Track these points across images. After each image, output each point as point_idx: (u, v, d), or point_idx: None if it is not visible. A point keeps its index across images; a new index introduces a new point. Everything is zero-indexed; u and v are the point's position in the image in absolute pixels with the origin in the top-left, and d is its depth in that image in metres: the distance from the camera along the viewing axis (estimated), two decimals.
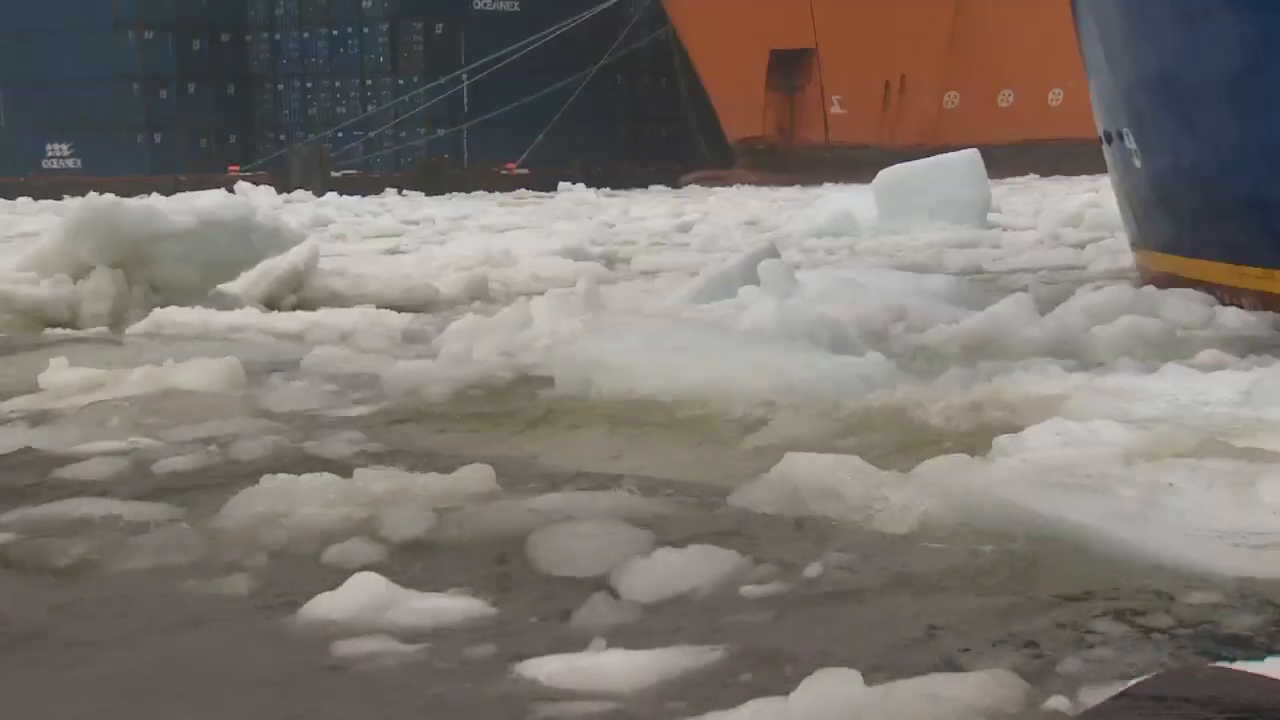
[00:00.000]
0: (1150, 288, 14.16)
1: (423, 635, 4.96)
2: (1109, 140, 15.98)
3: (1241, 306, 12.97)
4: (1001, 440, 6.52)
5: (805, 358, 8.53)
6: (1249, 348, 10.87)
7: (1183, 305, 13.00)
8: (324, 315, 14.24)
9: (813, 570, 5.37)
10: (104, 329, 13.88)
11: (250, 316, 13.98)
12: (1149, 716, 3.39)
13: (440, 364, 10.27)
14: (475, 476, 6.69)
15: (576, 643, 4.78)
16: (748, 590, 5.23)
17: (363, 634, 4.98)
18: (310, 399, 9.45)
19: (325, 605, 5.21)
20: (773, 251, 13.81)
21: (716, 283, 13.20)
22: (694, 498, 6.54)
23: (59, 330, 13.84)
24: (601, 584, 5.35)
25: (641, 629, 4.95)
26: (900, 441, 7.33)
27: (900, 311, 12.91)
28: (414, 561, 5.80)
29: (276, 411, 9.02)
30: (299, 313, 14.72)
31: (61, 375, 9.93)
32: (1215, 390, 7.20)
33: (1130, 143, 14.92)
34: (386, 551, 5.88)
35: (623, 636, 4.82)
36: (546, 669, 4.59)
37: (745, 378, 8.03)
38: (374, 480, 6.56)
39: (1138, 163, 14.94)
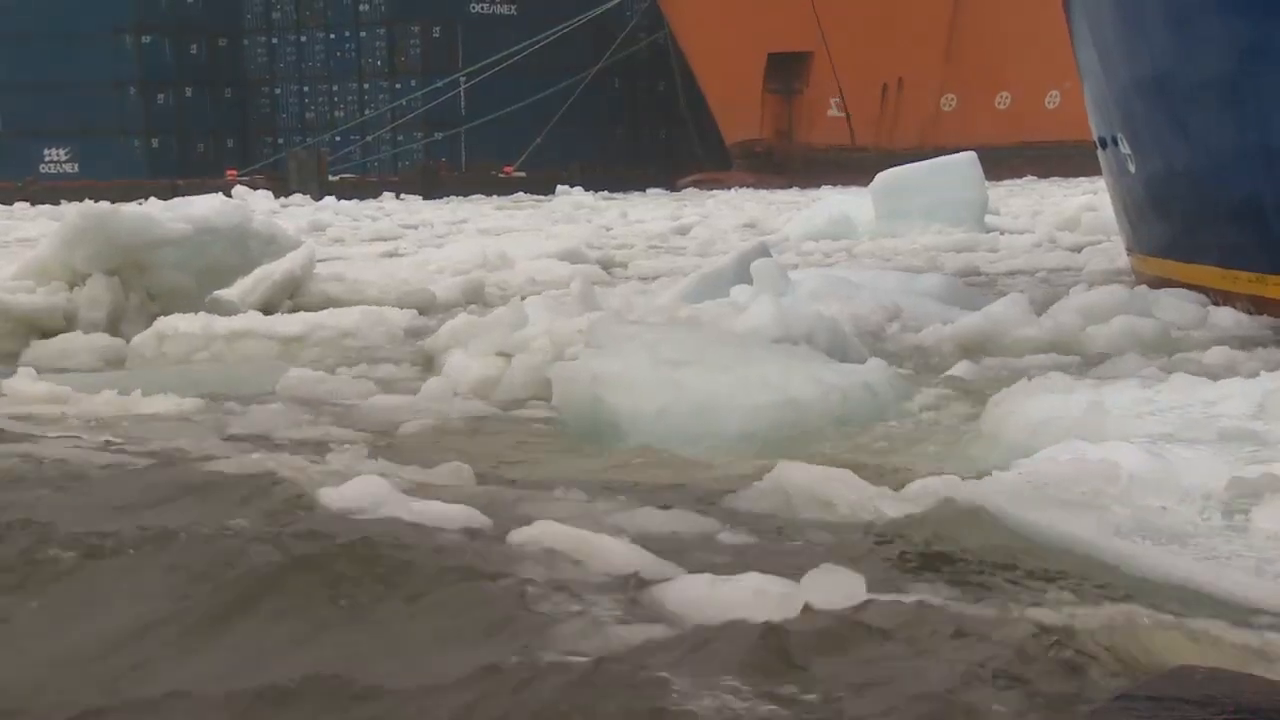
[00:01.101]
0: (1143, 287, 14.16)
1: None
2: (1104, 145, 15.99)
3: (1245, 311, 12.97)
4: (1020, 464, 6.45)
5: (808, 369, 8.45)
6: (1246, 348, 10.86)
7: (1176, 305, 13.00)
8: (325, 316, 14.20)
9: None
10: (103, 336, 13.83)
11: (252, 320, 13.91)
12: (1146, 717, 3.40)
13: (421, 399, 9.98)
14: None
15: None
16: None
17: None
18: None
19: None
20: (763, 251, 13.81)
21: (708, 282, 13.18)
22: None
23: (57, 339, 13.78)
24: None
25: None
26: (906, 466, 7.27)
27: (895, 311, 12.90)
28: None
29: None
30: (302, 314, 14.68)
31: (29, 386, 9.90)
32: (1227, 403, 7.12)
33: (1124, 148, 14.93)
34: None
35: None
36: None
37: (749, 393, 7.98)
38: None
39: (1132, 167, 14.95)
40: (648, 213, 41.52)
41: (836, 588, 4.63)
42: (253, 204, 31.99)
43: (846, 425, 7.99)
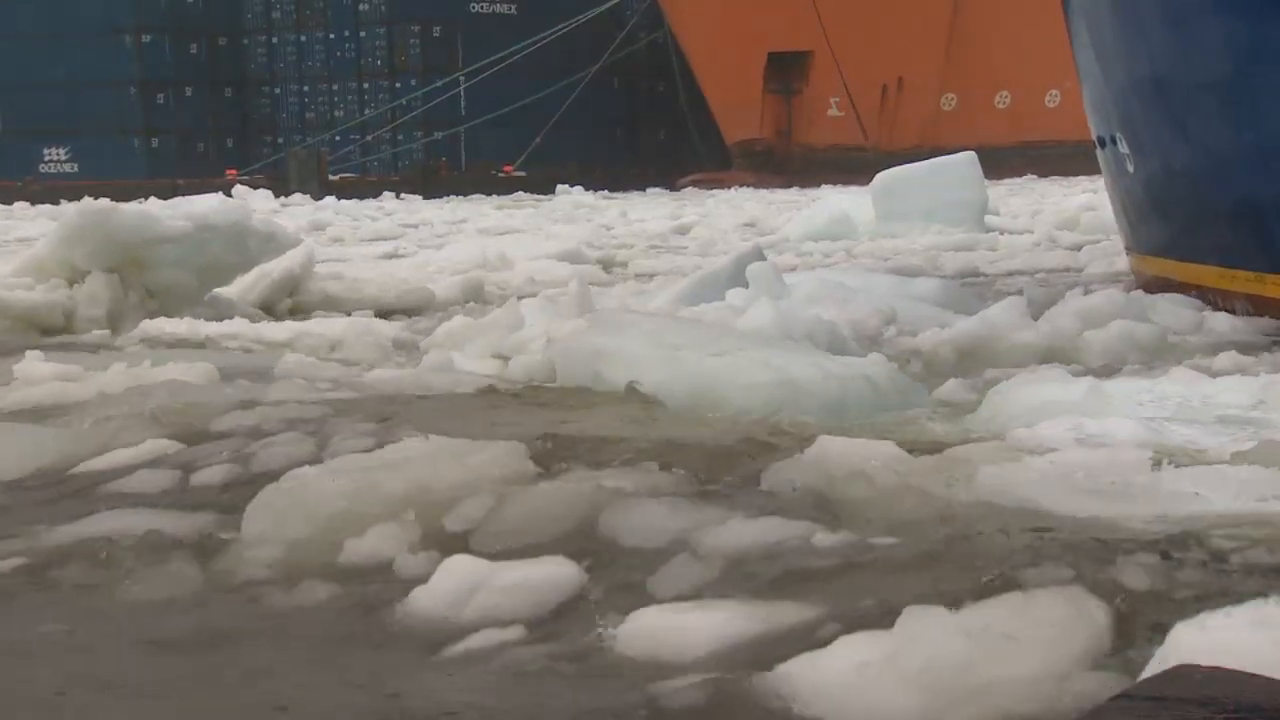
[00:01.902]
0: (1139, 292, 14.17)
1: None
2: (1102, 145, 15.99)
3: (1233, 311, 12.97)
4: (1019, 434, 6.42)
5: (808, 357, 8.50)
6: (1248, 354, 10.86)
7: (1172, 310, 13.00)
8: (314, 324, 14.14)
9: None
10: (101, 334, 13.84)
11: (239, 326, 13.89)
12: (1147, 717, 3.39)
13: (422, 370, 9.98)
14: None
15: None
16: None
17: None
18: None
19: None
20: (758, 254, 13.82)
21: (704, 284, 13.17)
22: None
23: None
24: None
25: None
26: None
27: (890, 315, 12.90)
28: None
29: None
30: (289, 321, 14.65)
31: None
32: (1226, 395, 7.14)
33: (1123, 147, 14.93)
34: None
35: None
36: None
37: (748, 372, 7.99)
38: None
39: (1130, 167, 14.95)
40: (648, 212, 41.54)
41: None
42: (253, 204, 32.01)
43: (844, 412, 8.01)
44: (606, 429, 7.34)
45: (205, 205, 15.42)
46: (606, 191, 61.34)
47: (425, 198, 60.61)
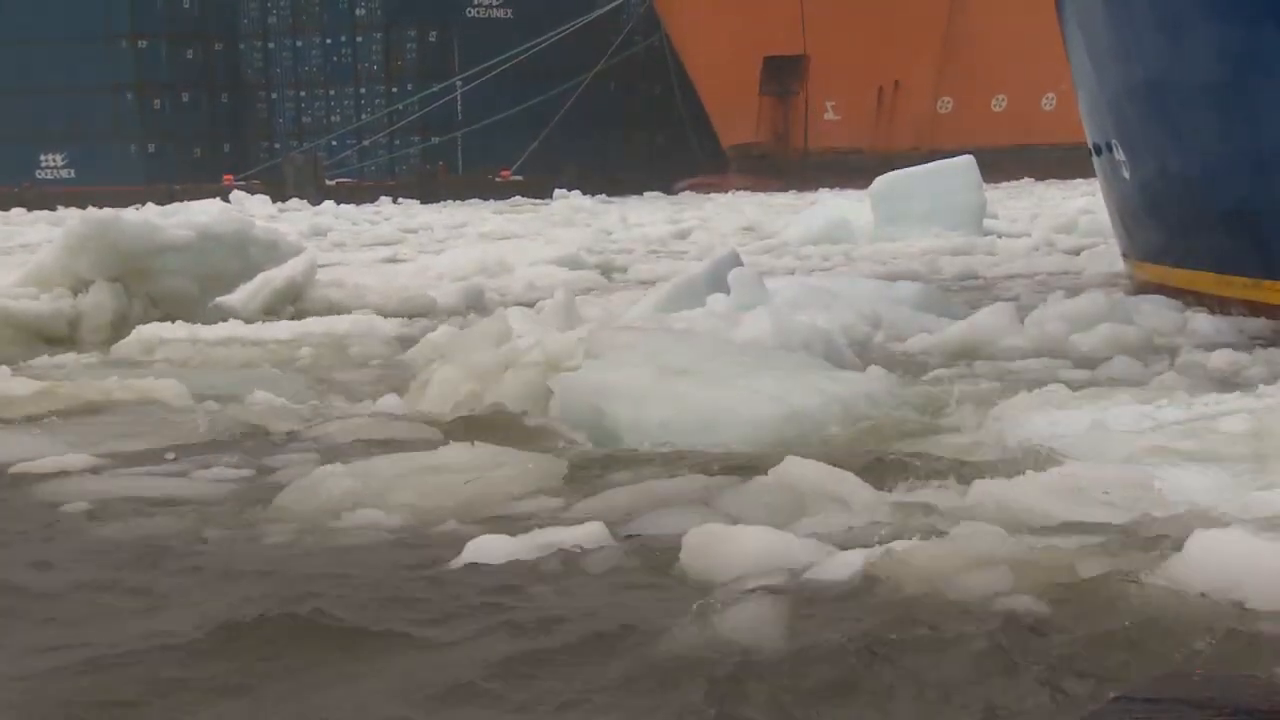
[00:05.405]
0: (1120, 294, 14.26)
1: None
2: (1098, 152, 16.07)
3: (1230, 315, 13.05)
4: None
5: (809, 379, 8.44)
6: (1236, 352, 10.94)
7: (1156, 312, 13.08)
8: (313, 324, 14.11)
9: None
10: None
11: (235, 328, 13.82)
12: (1144, 719, 3.44)
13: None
14: None
15: None
16: None
17: None
18: None
19: None
20: (736, 259, 13.77)
21: (682, 291, 13.09)
22: None
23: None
24: None
25: None
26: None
27: (876, 320, 12.93)
28: None
29: None
30: (286, 322, 14.62)
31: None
32: (1226, 422, 7.09)
33: (1119, 154, 15.01)
34: None
35: None
36: None
37: (752, 406, 7.97)
38: None
39: (1126, 174, 15.03)
40: (647, 216, 41.54)
41: None
42: (251, 209, 32.09)
43: (849, 431, 8.04)
44: None
45: (207, 214, 15.51)
46: (604, 196, 61.35)
47: (423, 202, 60.64)
